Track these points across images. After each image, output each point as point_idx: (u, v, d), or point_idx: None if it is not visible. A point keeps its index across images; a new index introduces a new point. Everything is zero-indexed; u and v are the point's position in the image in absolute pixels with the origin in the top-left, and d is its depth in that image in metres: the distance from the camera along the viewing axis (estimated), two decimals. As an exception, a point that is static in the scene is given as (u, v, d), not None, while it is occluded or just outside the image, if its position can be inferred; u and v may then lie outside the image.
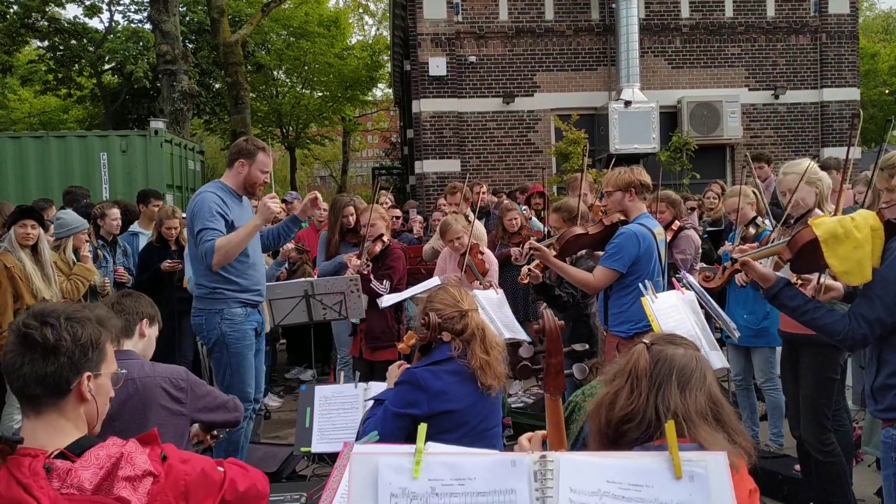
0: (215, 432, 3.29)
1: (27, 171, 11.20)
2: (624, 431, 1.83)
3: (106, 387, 2.02)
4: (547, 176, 14.08)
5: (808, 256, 2.94)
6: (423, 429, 1.58)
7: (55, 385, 1.87)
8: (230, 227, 4.60)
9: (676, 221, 6.40)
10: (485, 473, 1.47)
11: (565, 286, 5.26)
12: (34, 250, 5.42)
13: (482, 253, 6.10)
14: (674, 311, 3.62)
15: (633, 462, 1.46)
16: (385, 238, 5.94)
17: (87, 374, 1.93)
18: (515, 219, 7.48)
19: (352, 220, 6.51)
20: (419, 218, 10.09)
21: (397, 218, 9.16)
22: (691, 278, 3.60)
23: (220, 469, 2.04)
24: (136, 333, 3.13)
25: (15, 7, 21.22)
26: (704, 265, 6.20)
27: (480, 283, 5.61)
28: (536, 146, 14.98)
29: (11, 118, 28.83)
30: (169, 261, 6.73)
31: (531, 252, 4.64)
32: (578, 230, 4.75)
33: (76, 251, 6.00)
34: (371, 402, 3.37)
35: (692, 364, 1.88)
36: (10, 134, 13.25)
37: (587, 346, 1.87)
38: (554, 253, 4.66)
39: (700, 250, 6.50)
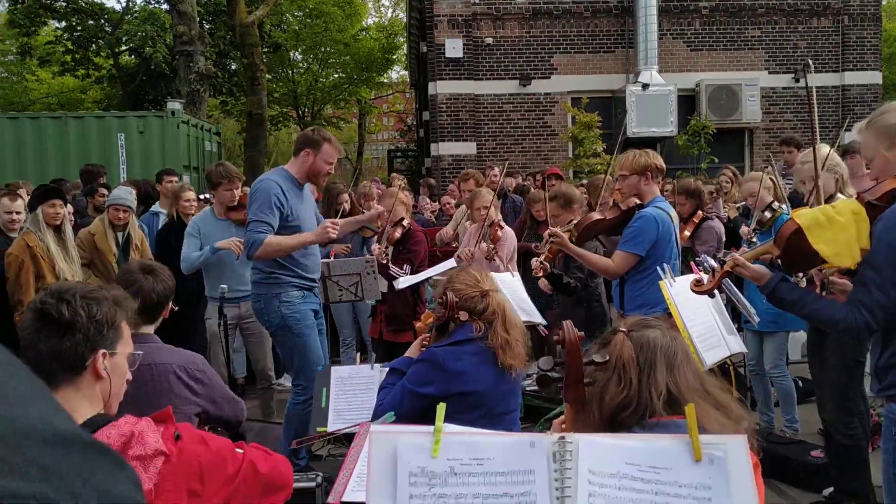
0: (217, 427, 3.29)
1: (46, 151, 11.29)
2: (620, 421, 1.83)
3: (122, 367, 2.03)
4: (563, 159, 14.06)
5: (797, 250, 2.91)
6: (442, 408, 1.59)
7: (71, 361, 1.89)
8: (284, 218, 4.64)
9: (699, 212, 6.34)
10: (503, 453, 1.48)
11: (572, 271, 5.28)
12: (57, 230, 5.47)
13: (501, 228, 6.12)
14: (692, 294, 3.61)
15: (651, 444, 1.46)
16: (405, 222, 5.95)
17: (103, 351, 1.95)
18: (544, 209, 7.46)
19: (346, 207, 6.47)
20: (430, 206, 10.04)
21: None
22: (712, 261, 3.58)
23: (240, 451, 2.06)
24: (161, 318, 3.14)
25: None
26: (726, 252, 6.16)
27: (489, 253, 5.68)
28: (553, 129, 14.91)
29: (30, 98, 29.01)
30: None
31: (551, 240, 4.64)
32: (596, 216, 4.75)
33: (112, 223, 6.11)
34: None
35: (673, 343, 1.92)
36: (29, 114, 13.34)
37: (607, 359, 1.87)
38: (572, 239, 4.67)
39: (723, 239, 6.44)
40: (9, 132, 11.32)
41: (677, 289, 3.60)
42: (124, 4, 25.33)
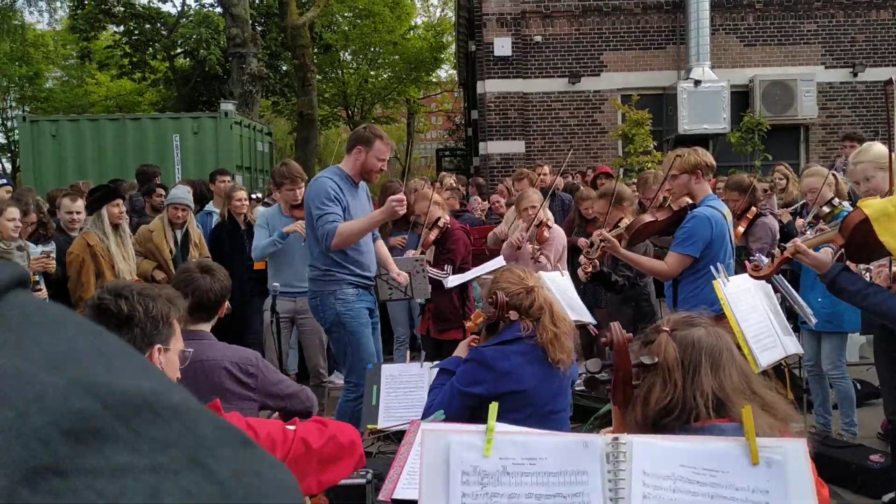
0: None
1: (105, 152, 11.60)
2: (664, 425, 1.80)
3: (174, 362, 2.08)
4: (612, 157, 13.92)
5: (862, 240, 2.84)
6: (494, 407, 1.59)
7: None
8: (345, 211, 4.71)
9: (753, 208, 6.22)
10: (556, 454, 1.48)
11: (620, 269, 5.23)
12: (116, 229, 5.61)
13: (549, 227, 6.09)
14: (746, 294, 3.56)
15: (707, 447, 1.44)
16: (442, 222, 5.95)
17: (158, 346, 2.00)
18: (592, 207, 7.41)
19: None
20: (481, 206, 9.99)
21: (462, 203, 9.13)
22: (767, 261, 3.52)
23: (291, 428, 2.08)
24: (217, 316, 3.20)
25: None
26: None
27: (534, 254, 5.65)
28: (602, 127, 14.77)
29: (90, 101, 29.86)
30: None
31: (601, 244, 4.60)
32: (647, 218, 4.69)
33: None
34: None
35: (718, 342, 1.87)
36: (89, 116, 13.73)
37: (656, 360, 1.84)
38: (624, 242, 4.63)
39: (777, 236, 6.31)
40: (70, 134, 11.65)
41: (731, 288, 3.55)
42: (179, 8, 25.91)
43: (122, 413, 0.28)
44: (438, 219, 5.94)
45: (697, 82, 13.64)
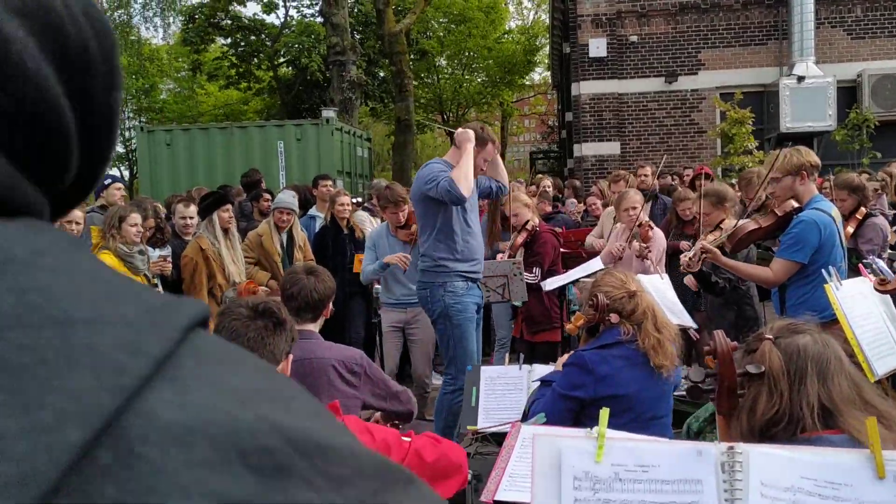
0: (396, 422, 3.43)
1: (214, 159, 12.10)
2: (771, 435, 1.75)
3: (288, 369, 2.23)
4: (710, 157, 13.55)
5: None
6: (605, 413, 1.61)
7: (276, 357, 2.09)
8: None
9: (862, 208, 5.96)
10: (669, 461, 1.48)
11: (721, 272, 5.09)
12: (226, 233, 5.86)
13: (651, 228, 6.00)
14: (861, 298, 3.41)
15: (828, 458, 1.42)
16: (530, 225, 5.96)
17: (289, 352, 2.13)
18: (690, 208, 7.25)
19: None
20: (577, 208, 9.91)
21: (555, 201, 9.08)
22: (881, 263, 3.37)
23: (406, 440, 2.16)
24: (322, 317, 3.34)
25: (203, 8, 23.10)
26: (893, 251, 5.76)
27: (641, 251, 5.58)
28: (700, 126, 14.42)
29: (200, 111, 31.28)
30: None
31: (703, 255, 4.51)
32: (751, 225, 4.53)
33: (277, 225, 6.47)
34: (538, 384, 3.43)
35: (825, 350, 1.79)
36: (200, 126, 14.34)
37: (762, 369, 1.80)
38: (725, 249, 4.53)
39: (888, 237, 6.02)
40: (183, 143, 12.20)
41: (844, 292, 3.41)
42: (283, 19, 26.78)
43: (303, 452, 0.29)
44: (527, 221, 5.95)
45: (801, 78, 13.14)
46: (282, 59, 25.66)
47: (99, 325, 0.23)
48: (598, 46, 14.36)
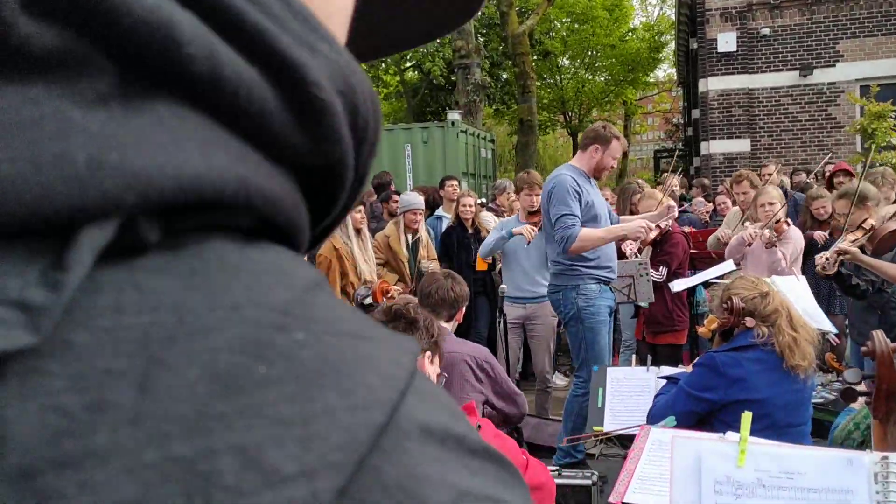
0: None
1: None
2: None
3: (433, 379, 2.36)
4: (849, 153, 12.85)
5: None
6: (747, 417, 1.62)
7: None
8: (586, 205, 4.80)
9: None
10: (816, 470, 1.47)
11: (863, 273, 4.85)
12: (358, 233, 6.09)
13: (788, 225, 5.79)
14: None
15: None
16: (663, 223, 5.89)
17: (428, 353, 2.26)
18: (824, 206, 6.95)
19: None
20: (706, 208, 9.64)
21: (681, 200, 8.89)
22: None
23: (524, 457, 2.25)
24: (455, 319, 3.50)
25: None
26: None
27: (770, 240, 5.39)
28: (838, 121, 13.73)
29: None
30: None
31: (840, 257, 4.35)
32: (892, 226, 4.36)
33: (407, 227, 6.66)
34: (663, 381, 3.44)
35: None
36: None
37: None
38: (865, 250, 4.35)
39: None
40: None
41: None
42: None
43: (456, 444, 0.29)
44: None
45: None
46: (408, 64, 26.21)
47: (375, 341, 0.28)
48: (727, 41, 13.95)
